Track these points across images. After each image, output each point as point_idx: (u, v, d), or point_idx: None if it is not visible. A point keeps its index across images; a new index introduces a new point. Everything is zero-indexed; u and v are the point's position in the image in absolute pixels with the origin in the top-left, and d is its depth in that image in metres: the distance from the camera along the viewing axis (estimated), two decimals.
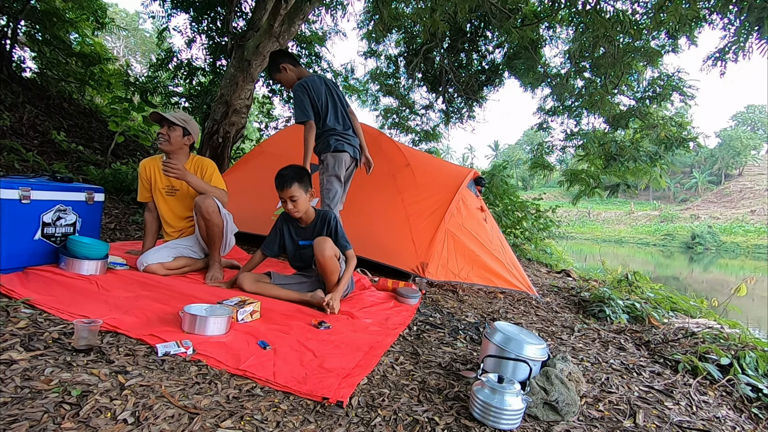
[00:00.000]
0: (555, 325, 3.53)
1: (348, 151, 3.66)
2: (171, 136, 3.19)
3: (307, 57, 9.55)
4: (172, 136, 3.19)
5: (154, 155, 3.45)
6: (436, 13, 5.97)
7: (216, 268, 3.27)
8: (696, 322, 3.99)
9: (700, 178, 69.20)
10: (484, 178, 4.82)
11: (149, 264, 3.03)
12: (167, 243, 3.29)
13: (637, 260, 29.01)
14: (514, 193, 10.75)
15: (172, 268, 3.13)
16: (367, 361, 2.14)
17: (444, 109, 10.97)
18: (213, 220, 3.15)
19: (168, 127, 3.18)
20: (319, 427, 1.53)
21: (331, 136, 3.63)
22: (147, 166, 3.35)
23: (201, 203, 3.11)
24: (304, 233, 3.06)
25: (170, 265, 3.13)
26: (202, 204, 3.11)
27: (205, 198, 3.12)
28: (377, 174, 4.51)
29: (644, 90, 7.27)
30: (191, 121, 3.29)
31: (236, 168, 5.27)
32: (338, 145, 3.61)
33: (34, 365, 1.61)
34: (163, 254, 3.13)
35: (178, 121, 3.19)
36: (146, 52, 33.80)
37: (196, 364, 1.84)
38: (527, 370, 1.95)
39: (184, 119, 3.24)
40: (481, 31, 9.28)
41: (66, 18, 6.65)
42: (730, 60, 5.18)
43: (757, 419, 2.28)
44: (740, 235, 46.43)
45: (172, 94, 8.55)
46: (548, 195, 41.52)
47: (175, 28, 8.42)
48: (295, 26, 5.83)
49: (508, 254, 4.66)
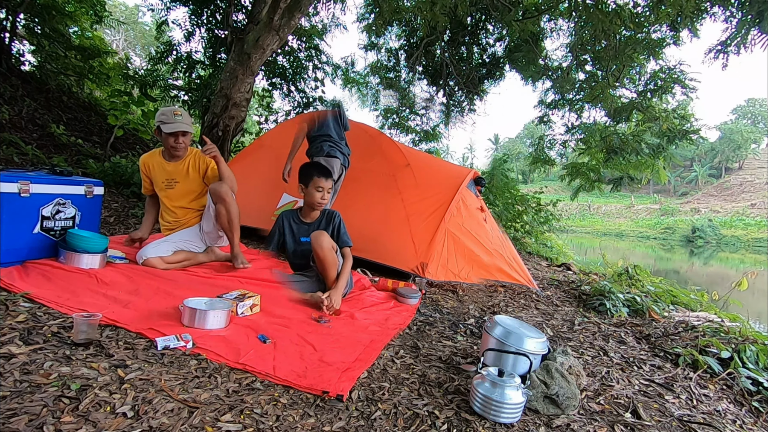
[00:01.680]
0: (555, 319, 3.53)
1: (339, 158, 3.96)
2: (186, 141, 3.28)
3: (307, 50, 9.50)
4: (187, 141, 3.30)
5: (153, 150, 3.47)
6: (436, 6, 5.93)
7: (241, 256, 3.37)
8: (696, 315, 3.99)
9: (700, 172, 69.07)
10: (484, 178, 4.82)
11: (148, 257, 3.03)
12: (167, 237, 3.29)
13: (637, 254, 29.03)
14: (515, 186, 10.73)
15: (171, 262, 3.14)
16: (367, 354, 2.14)
17: (444, 103, 10.92)
18: (233, 205, 3.22)
19: (183, 134, 3.24)
20: (319, 420, 1.53)
21: (325, 141, 3.96)
22: (146, 162, 3.39)
23: (219, 188, 3.17)
24: (307, 230, 3.06)
25: (170, 259, 3.13)
26: (220, 189, 3.17)
27: (221, 184, 3.20)
28: (377, 174, 4.50)
29: (646, 83, 7.23)
30: (189, 118, 3.34)
31: (236, 161, 5.26)
32: (331, 151, 3.94)
33: (33, 359, 1.60)
34: (162, 248, 3.13)
35: (190, 127, 3.28)
36: (146, 46, 33.63)
37: (195, 357, 1.84)
38: (527, 364, 1.94)
39: (191, 121, 3.32)
40: (481, 24, 9.23)
41: (65, 11, 6.59)
42: (732, 53, 5.16)
43: (758, 413, 2.29)
44: (740, 229, 46.36)
45: (171, 88, 8.51)
46: (549, 189, 41.47)
47: (175, 21, 8.34)
48: (294, 19, 5.78)
49: (508, 249, 4.66)
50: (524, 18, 6.75)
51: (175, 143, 3.22)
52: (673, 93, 6.98)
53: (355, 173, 4.47)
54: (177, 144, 3.23)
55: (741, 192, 60.65)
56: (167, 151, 3.32)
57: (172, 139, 3.20)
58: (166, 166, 3.34)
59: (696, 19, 5.73)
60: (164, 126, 3.16)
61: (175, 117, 3.15)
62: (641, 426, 1.84)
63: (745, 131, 69.18)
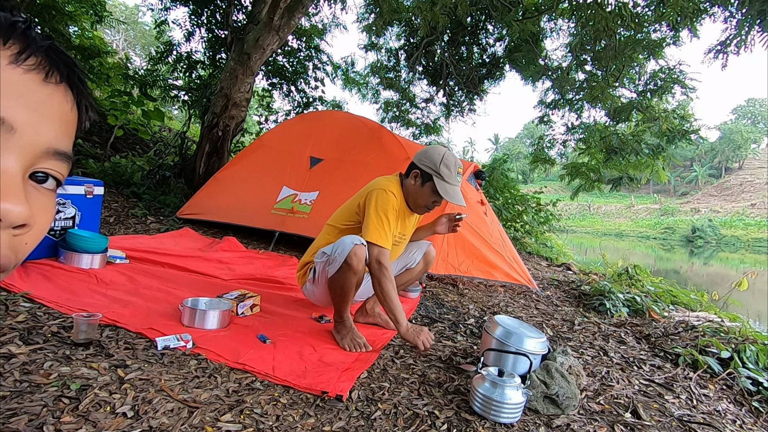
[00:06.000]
0: (555, 319, 3.53)
1: None
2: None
3: (307, 50, 9.50)
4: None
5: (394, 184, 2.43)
6: (436, 6, 5.93)
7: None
8: (696, 315, 3.98)
9: (700, 172, 69.11)
10: (485, 172, 4.81)
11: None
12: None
13: (637, 254, 29.00)
14: (515, 186, 10.73)
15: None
16: (367, 354, 2.14)
17: (445, 103, 10.92)
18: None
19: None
20: (319, 420, 1.53)
21: None
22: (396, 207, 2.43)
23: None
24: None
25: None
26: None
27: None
28: (377, 167, 4.50)
29: (645, 83, 7.23)
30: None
31: (236, 161, 5.25)
32: None
33: (33, 359, 1.60)
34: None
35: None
36: (146, 46, 33.62)
37: (195, 357, 1.84)
38: (527, 364, 1.94)
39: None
40: (481, 24, 9.22)
41: (65, 11, 6.58)
42: (732, 53, 5.15)
43: (758, 413, 2.29)
44: (740, 229, 46.38)
45: (171, 88, 8.51)
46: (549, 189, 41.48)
47: (175, 21, 8.34)
48: (294, 19, 5.78)
49: (508, 248, 4.65)
50: (524, 18, 6.74)
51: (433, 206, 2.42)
52: (673, 93, 6.97)
53: (355, 167, 4.47)
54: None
55: (741, 192, 60.68)
56: (417, 207, 2.44)
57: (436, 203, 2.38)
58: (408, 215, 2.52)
59: (696, 19, 5.73)
60: (442, 186, 2.29)
61: (458, 177, 2.35)
62: (641, 426, 1.84)
63: (745, 131, 69.24)
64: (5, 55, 0.41)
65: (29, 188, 0.45)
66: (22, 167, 0.43)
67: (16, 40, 0.42)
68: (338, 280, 2.20)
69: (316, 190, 4.60)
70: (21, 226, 0.42)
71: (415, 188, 2.36)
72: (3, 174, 0.40)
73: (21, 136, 0.42)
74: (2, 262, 0.42)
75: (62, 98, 0.46)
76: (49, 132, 0.45)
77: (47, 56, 0.44)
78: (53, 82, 0.45)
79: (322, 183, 4.64)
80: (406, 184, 2.41)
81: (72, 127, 0.49)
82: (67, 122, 0.48)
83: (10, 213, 0.40)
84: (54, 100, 0.45)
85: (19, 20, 0.43)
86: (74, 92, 0.48)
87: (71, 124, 0.49)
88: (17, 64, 0.41)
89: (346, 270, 2.14)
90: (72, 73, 0.47)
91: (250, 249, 4.24)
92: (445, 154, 2.31)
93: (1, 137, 0.40)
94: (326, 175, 4.70)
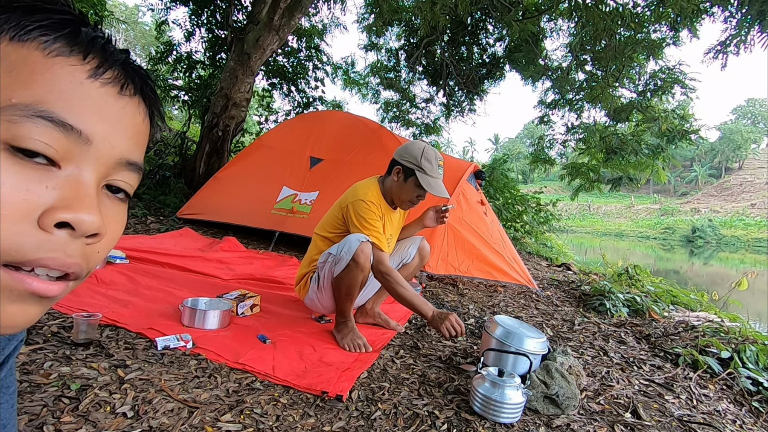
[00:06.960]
0: (555, 319, 3.53)
1: None
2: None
3: (307, 50, 9.51)
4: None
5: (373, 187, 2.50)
6: (436, 6, 5.93)
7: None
8: (696, 315, 3.98)
9: (700, 172, 69.16)
10: (485, 172, 4.81)
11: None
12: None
13: (637, 254, 29.00)
14: (515, 186, 10.73)
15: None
16: (367, 355, 2.14)
17: (445, 103, 10.93)
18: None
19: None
20: (319, 420, 1.53)
21: None
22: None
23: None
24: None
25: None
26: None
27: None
28: (377, 168, 4.50)
29: (645, 83, 7.24)
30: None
31: (236, 161, 5.26)
32: None
33: (33, 359, 1.60)
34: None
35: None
36: (146, 45, 33.66)
37: (195, 357, 1.84)
38: (527, 364, 1.94)
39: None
40: (482, 24, 9.23)
41: None
42: (732, 53, 5.15)
43: (758, 413, 2.28)
44: (740, 229, 46.43)
45: (171, 88, 8.52)
46: (549, 189, 41.50)
47: (175, 21, 8.35)
48: (294, 19, 5.79)
49: (508, 248, 4.65)
50: (524, 18, 6.75)
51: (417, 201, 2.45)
52: (673, 93, 6.99)
53: (355, 167, 4.47)
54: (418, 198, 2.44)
55: (741, 192, 60.73)
56: (402, 202, 2.49)
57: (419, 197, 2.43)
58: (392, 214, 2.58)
59: (695, 19, 5.73)
60: (424, 179, 2.34)
61: (440, 170, 2.39)
62: (641, 426, 1.84)
63: (745, 131, 69.31)
64: (84, 70, 0.42)
65: (102, 198, 0.46)
66: (97, 178, 0.44)
67: (95, 54, 0.43)
68: (345, 278, 2.20)
69: (316, 190, 4.61)
70: (93, 235, 0.43)
71: (398, 184, 2.41)
72: (79, 185, 0.42)
73: (96, 148, 0.43)
74: (75, 270, 0.44)
75: (135, 110, 0.48)
76: (123, 143, 0.46)
77: (123, 69, 0.46)
78: (128, 94, 0.46)
79: (322, 183, 4.64)
80: (389, 182, 2.45)
81: (144, 139, 0.50)
82: (140, 134, 0.49)
83: (83, 223, 0.42)
84: (128, 112, 0.47)
85: (99, 35, 0.45)
86: (147, 104, 0.50)
87: (143, 136, 0.50)
88: (95, 78, 0.43)
89: (354, 267, 2.15)
90: (145, 85, 0.49)
91: (250, 249, 4.24)
92: (425, 148, 2.36)
93: (78, 149, 0.42)
94: (326, 175, 4.71)
